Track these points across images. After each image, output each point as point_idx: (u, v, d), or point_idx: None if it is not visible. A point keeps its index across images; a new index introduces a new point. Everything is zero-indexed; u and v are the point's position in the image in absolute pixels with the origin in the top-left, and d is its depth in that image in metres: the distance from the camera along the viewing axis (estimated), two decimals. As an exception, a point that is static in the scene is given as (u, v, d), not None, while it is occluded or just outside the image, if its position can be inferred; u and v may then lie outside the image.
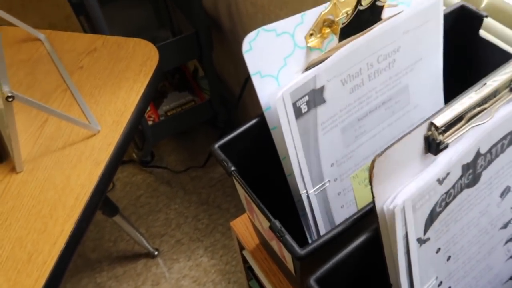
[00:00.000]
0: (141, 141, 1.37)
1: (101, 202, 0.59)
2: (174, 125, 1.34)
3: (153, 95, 0.68)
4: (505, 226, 0.42)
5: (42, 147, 0.61)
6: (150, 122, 1.30)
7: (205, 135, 1.51)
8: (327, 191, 0.46)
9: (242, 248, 0.66)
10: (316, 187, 0.45)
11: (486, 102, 0.32)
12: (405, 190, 0.31)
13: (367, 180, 0.49)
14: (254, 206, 0.39)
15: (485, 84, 0.32)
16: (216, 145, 0.41)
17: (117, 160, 0.59)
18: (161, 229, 1.31)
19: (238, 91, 1.17)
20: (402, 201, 0.30)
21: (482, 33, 0.49)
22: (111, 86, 0.65)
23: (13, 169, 0.59)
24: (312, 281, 0.31)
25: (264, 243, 0.57)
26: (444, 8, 0.48)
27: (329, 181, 0.46)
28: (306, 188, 0.44)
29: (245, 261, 0.67)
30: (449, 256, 0.38)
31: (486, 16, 0.48)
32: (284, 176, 0.44)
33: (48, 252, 0.52)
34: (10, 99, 0.52)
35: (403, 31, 0.43)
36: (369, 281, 0.38)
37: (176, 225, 1.32)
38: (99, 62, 0.69)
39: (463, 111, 0.31)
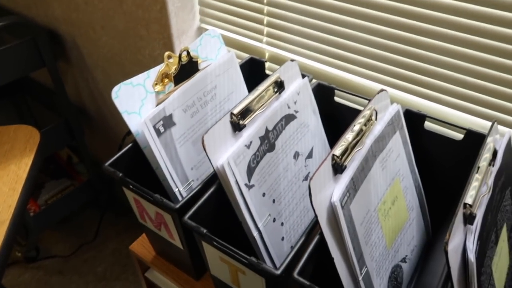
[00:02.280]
0: (24, 236, 1.37)
1: (5, 263, 0.67)
2: (57, 211, 1.38)
3: (41, 164, 0.80)
4: (305, 178, 0.67)
5: None
6: (31, 214, 1.33)
7: (89, 217, 1.57)
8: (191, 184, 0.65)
9: (144, 270, 0.79)
10: (184, 185, 0.64)
11: (262, 98, 0.58)
12: (227, 152, 0.53)
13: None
14: (140, 199, 0.56)
15: (257, 89, 0.57)
16: (106, 164, 0.58)
17: (19, 218, 0.68)
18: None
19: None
20: (227, 159, 0.52)
21: (268, 72, 0.78)
22: (0, 164, 0.76)
23: None
24: (186, 218, 0.49)
25: (160, 250, 0.72)
26: (240, 60, 0.75)
27: (192, 180, 0.66)
28: (177, 187, 0.63)
29: (149, 285, 0.79)
30: (274, 199, 0.61)
31: (266, 61, 0.77)
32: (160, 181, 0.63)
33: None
34: None
35: (215, 75, 0.68)
36: (226, 219, 0.56)
37: (79, 308, 1.32)
38: (-17, 149, 0.79)
39: (251, 103, 0.56)
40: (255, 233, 0.56)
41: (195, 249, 0.58)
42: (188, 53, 0.63)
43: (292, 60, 0.63)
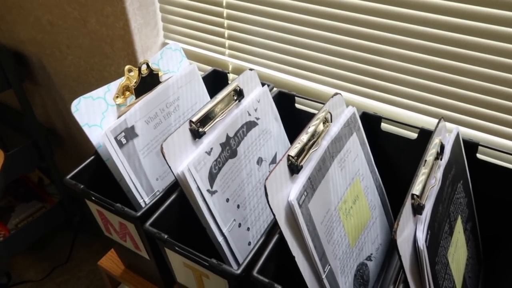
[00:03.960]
0: (-7, 263, 1.33)
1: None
2: (28, 235, 1.35)
3: (4, 185, 0.79)
4: (266, 179, 0.68)
5: None
6: (0, 239, 1.29)
7: (62, 239, 1.53)
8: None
9: (114, 286, 0.78)
10: (150, 195, 0.64)
11: (222, 106, 0.59)
12: (187, 159, 0.54)
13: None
14: (103, 211, 0.56)
15: (216, 97, 0.59)
16: (68, 177, 0.58)
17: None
18: None
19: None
20: (187, 165, 0.53)
21: (230, 81, 0.80)
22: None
23: None
24: (147, 225, 0.49)
25: (128, 263, 0.71)
26: (202, 72, 0.77)
27: (158, 190, 0.66)
28: (142, 198, 0.63)
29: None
30: (238, 205, 0.61)
31: (229, 73, 0.79)
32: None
33: None
34: None
35: (177, 87, 0.69)
36: (191, 227, 0.57)
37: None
38: None
39: (210, 111, 0.57)
40: (220, 238, 0.57)
41: (161, 258, 0.58)
42: (148, 65, 0.64)
43: (251, 69, 0.65)
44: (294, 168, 0.49)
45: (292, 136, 0.71)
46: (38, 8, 1.01)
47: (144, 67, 0.63)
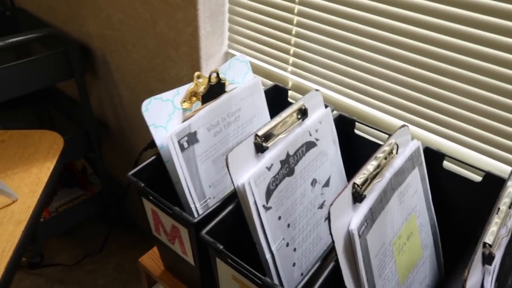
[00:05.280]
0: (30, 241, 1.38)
1: (19, 262, 0.67)
2: (66, 220, 1.39)
3: (61, 170, 0.82)
4: (321, 206, 0.67)
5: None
6: (41, 220, 1.34)
7: (96, 229, 1.57)
8: (207, 202, 0.66)
9: (150, 285, 0.78)
10: (201, 202, 0.65)
11: (286, 123, 0.59)
12: (248, 173, 0.54)
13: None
14: (159, 211, 0.57)
15: (281, 115, 0.59)
16: (130, 173, 0.59)
17: (36, 220, 0.70)
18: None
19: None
20: (248, 179, 0.53)
21: (290, 100, 0.80)
22: (23, 166, 0.78)
23: None
24: (203, 233, 0.49)
25: (170, 265, 0.72)
26: (265, 86, 0.78)
27: (209, 197, 0.66)
28: (194, 203, 0.64)
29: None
30: (289, 224, 0.61)
31: (289, 89, 0.79)
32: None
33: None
34: None
35: (240, 98, 0.70)
36: (240, 239, 0.56)
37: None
38: (9, 149, 0.81)
39: (274, 127, 0.57)
40: (268, 256, 0.56)
41: (206, 266, 0.58)
42: (218, 74, 0.65)
43: (317, 90, 0.65)
44: (357, 197, 0.48)
45: (347, 161, 0.70)
46: (111, 6, 1.05)
47: (214, 76, 0.64)
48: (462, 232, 0.67)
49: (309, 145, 0.64)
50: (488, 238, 0.42)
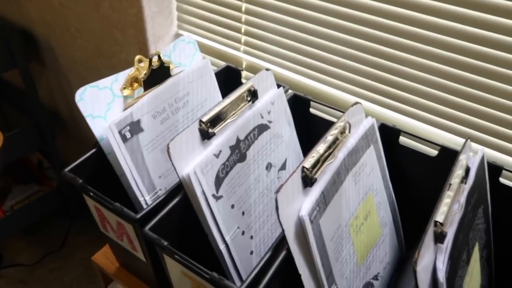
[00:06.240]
0: (-14, 244, 1.31)
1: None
2: (23, 218, 1.32)
3: (2, 167, 0.76)
4: (278, 191, 0.65)
5: None
6: (-5, 220, 1.27)
7: (58, 225, 1.51)
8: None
9: (107, 283, 0.75)
10: (151, 194, 0.61)
11: (234, 106, 0.56)
12: (194, 161, 0.50)
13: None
14: (101, 208, 0.53)
15: (229, 97, 0.55)
16: (66, 170, 0.54)
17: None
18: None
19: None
20: (193, 168, 0.50)
21: (244, 80, 0.77)
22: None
23: None
24: (146, 229, 0.46)
25: (123, 262, 0.68)
26: (215, 68, 0.74)
27: (160, 189, 0.63)
28: (143, 196, 0.60)
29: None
30: (243, 211, 0.58)
31: (242, 70, 0.75)
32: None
33: None
34: None
35: (187, 81, 0.66)
36: (193, 232, 0.53)
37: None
38: None
39: (222, 111, 0.54)
40: (222, 246, 0.54)
41: (159, 262, 0.55)
42: (160, 57, 0.61)
43: (267, 69, 0.62)
44: (307, 181, 0.46)
45: (304, 141, 0.68)
46: (49, -12, 0.97)
47: (155, 59, 0.60)
48: (421, 208, 0.66)
49: (262, 128, 0.61)
50: (439, 216, 0.41)
